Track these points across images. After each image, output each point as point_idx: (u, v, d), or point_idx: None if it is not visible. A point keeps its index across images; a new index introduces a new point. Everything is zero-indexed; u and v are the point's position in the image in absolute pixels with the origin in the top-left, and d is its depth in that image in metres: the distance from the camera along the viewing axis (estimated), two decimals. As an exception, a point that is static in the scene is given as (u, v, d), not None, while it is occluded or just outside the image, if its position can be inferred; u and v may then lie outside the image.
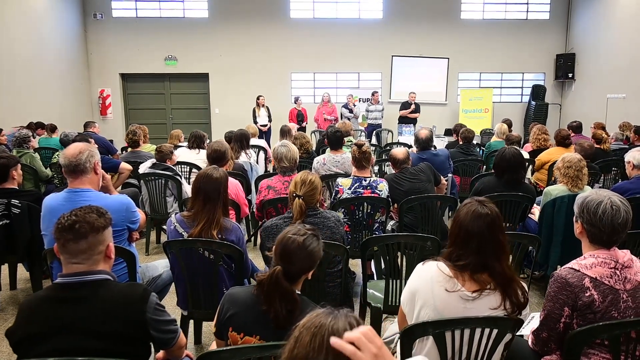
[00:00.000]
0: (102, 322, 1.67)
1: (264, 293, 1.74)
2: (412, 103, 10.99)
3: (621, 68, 10.99)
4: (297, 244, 1.77)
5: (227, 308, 1.80)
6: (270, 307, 1.71)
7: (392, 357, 1.02)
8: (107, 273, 1.79)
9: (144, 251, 4.82)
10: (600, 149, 6.10)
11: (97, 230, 1.74)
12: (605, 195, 1.90)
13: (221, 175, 2.72)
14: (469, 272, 1.81)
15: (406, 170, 4.09)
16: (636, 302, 1.84)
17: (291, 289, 1.76)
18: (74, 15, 11.54)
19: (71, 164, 2.61)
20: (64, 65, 10.88)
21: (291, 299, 1.73)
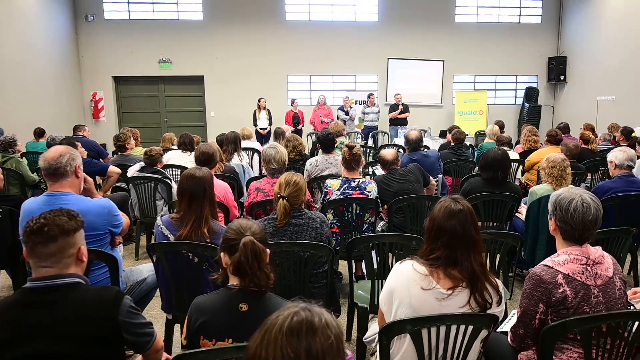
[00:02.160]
0: (74, 326, 1.64)
1: (242, 267, 1.74)
2: (400, 104, 11.04)
3: (610, 71, 11.10)
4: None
5: (195, 318, 1.77)
6: (253, 278, 1.73)
7: None
8: (79, 276, 1.76)
9: (133, 256, 4.84)
10: (588, 149, 6.18)
11: (67, 233, 1.71)
12: (577, 193, 1.94)
13: (205, 174, 2.73)
14: (442, 268, 1.85)
15: (395, 171, 4.13)
16: (607, 297, 1.89)
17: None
18: (65, 17, 11.45)
19: (51, 167, 2.59)
20: (54, 68, 10.78)
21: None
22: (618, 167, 4.05)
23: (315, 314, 1.05)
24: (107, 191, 4.87)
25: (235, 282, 1.80)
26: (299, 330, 1.01)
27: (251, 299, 1.76)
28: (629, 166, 4.02)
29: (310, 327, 1.02)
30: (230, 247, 1.78)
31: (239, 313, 1.74)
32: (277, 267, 2.72)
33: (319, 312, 1.06)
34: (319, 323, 1.03)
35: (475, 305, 1.83)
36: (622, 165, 4.02)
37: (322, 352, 1.00)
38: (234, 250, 1.77)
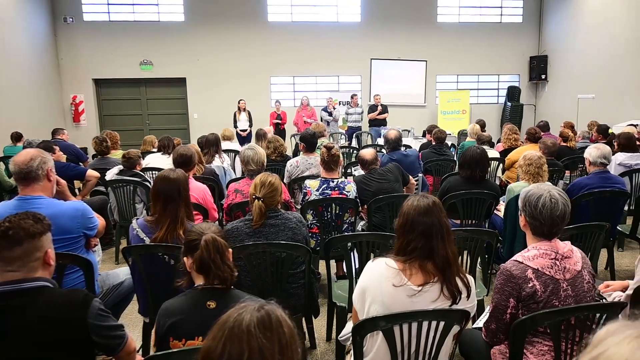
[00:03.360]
0: (42, 330, 1.63)
1: (205, 263, 1.76)
2: (379, 105, 11.04)
3: (590, 69, 11.29)
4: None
5: (163, 321, 1.77)
6: (217, 272, 1.75)
7: None
8: (46, 280, 1.74)
9: (113, 260, 4.79)
10: (567, 146, 6.27)
11: (32, 236, 1.69)
12: (545, 189, 1.97)
13: (179, 175, 2.72)
14: (418, 261, 1.86)
15: (374, 171, 4.14)
16: (575, 291, 1.91)
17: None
18: (43, 19, 11.25)
19: (22, 172, 2.55)
20: (33, 72, 10.59)
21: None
22: (593, 164, 4.11)
23: (276, 309, 1.10)
24: (85, 195, 4.81)
25: (200, 282, 1.80)
26: (269, 322, 1.06)
27: (218, 296, 1.77)
28: (602, 163, 4.07)
29: (276, 319, 1.07)
30: (193, 247, 1.79)
31: (207, 311, 1.74)
32: (254, 268, 2.72)
33: (276, 308, 1.11)
34: (281, 317, 1.09)
35: (447, 295, 1.85)
36: (597, 162, 4.08)
37: (288, 343, 1.06)
38: (196, 250, 1.77)
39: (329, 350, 3.23)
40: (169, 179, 2.66)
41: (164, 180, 2.66)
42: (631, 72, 10.03)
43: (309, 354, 3.21)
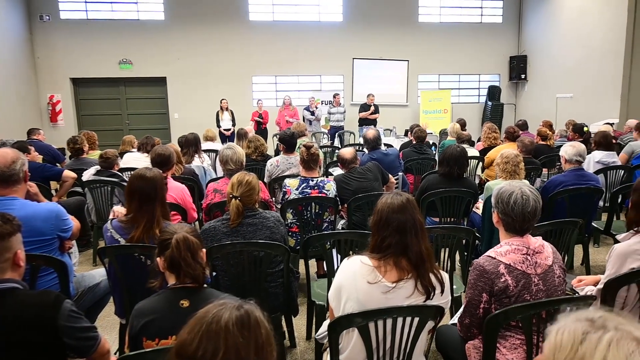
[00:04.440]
0: (11, 332, 1.61)
1: (175, 261, 1.76)
2: (372, 105, 11.07)
3: (568, 69, 11.50)
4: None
5: (136, 322, 1.77)
6: (188, 270, 1.75)
7: None
8: (16, 282, 1.73)
9: (91, 261, 4.72)
10: (545, 145, 6.37)
11: (1, 237, 1.68)
12: (517, 186, 2.00)
13: (155, 174, 2.69)
14: (392, 259, 1.88)
15: (354, 170, 4.16)
16: (547, 285, 1.95)
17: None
18: (18, 17, 10.99)
19: (4, 174, 2.52)
20: (8, 70, 10.31)
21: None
22: (569, 162, 4.18)
23: (255, 310, 1.10)
24: (62, 196, 4.73)
25: (173, 281, 1.79)
26: (248, 321, 1.06)
27: (192, 294, 1.77)
28: (578, 161, 4.15)
29: (255, 320, 1.08)
30: (165, 247, 1.79)
31: (180, 310, 1.73)
32: (232, 268, 2.71)
33: (255, 308, 1.11)
34: (259, 318, 1.09)
35: (421, 291, 1.87)
36: (572, 160, 4.15)
37: (264, 344, 1.07)
38: (168, 249, 1.77)
39: (308, 349, 3.23)
40: (145, 178, 2.63)
41: (140, 179, 2.63)
42: (607, 72, 10.23)
43: (289, 352, 3.21)
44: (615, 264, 2.25)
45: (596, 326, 0.71)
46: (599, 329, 0.71)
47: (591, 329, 0.70)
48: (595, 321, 0.72)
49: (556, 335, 0.72)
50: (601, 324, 0.72)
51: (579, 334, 0.70)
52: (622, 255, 2.23)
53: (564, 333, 0.71)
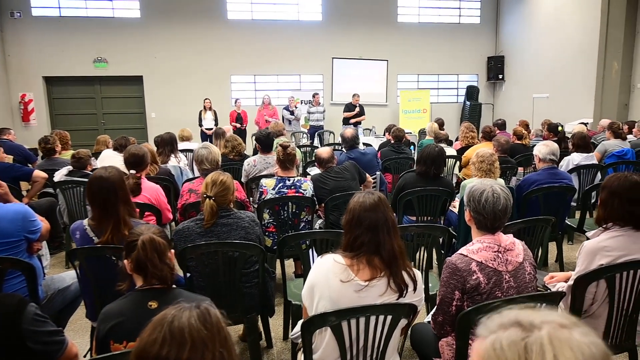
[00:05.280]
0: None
1: (141, 263, 1.74)
2: (357, 105, 10.96)
3: (544, 70, 11.71)
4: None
5: (103, 326, 1.74)
6: (155, 271, 1.73)
7: None
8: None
9: (63, 264, 4.62)
10: (521, 144, 6.46)
11: None
12: (488, 184, 2.01)
13: (113, 173, 2.61)
14: (365, 257, 1.88)
15: (331, 170, 4.15)
16: (517, 282, 1.97)
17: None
18: (-13, 14, 10.73)
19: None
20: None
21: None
22: (542, 161, 4.24)
23: (213, 308, 1.10)
24: (33, 197, 4.62)
25: (140, 283, 1.76)
26: (209, 316, 1.06)
27: (160, 295, 1.74)
28: (551, 159, 4.21)
29: (215, 315, 1.07)
30: (132, 248, 1.76)
31: (149, 311, 1.70)
32: (206, 268, 2.68)
33: (213, 307, 1.10)
34: (219, 314, 1.09)
35: (393, 288, 1.87)
36: (546, 158, 4.21)
37: (226, 337, 1.06)
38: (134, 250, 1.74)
39: (285, 349, 3.21)
40: (103, 179, 2.55)
41: (98, 180, 2.55)
42: (582, 73, 10.45)
43: (266, 353, 3.19)
44: (584, 261, 2.29)
45: (527, 328, 0.71)
46: (532, 329, 0.71)
47: (525, 333, 0.70)
48: (522, 323, 0.72)
49: (495, 352, 0.71)
50: (529, 323, 0.72)
51: (520, 343, 0.69)
52: (591, 252, 2.27)
53: (503, 347, 0.70)
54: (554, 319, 0.73)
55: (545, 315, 0.74)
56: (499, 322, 0.75)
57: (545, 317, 0.74)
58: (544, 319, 0.73)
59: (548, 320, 0.73)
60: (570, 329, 0.72)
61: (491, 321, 0.76)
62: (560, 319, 0.74)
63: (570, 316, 0.76)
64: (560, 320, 0.73)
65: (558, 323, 0.72)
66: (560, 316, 0.75)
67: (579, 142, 5.36)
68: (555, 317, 0.74)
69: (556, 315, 0.75)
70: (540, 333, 0.70)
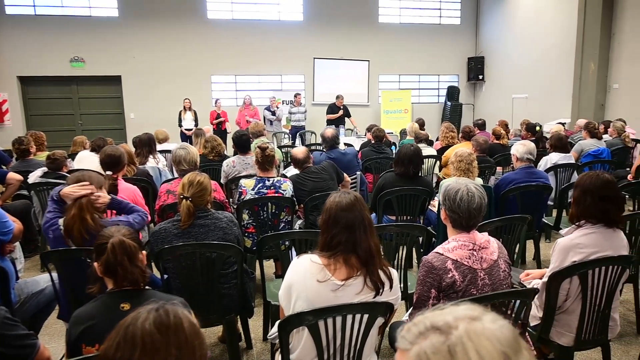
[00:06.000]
0: None
1: (111, 266, 1.72)
2: (341, 108, 10.83)
3: (523, 71, 11.89)
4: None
5: (74, 330, 1.72)
6: (126, 274, 1.71)
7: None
8: None
9: (38, 267, 4.52)
10: (500, 144, 6.55)
11: None
12: (463, 183, 2.03)
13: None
14: (342, 256, 1.88)
15: (309, 170, 4.14)
16: (492, 279, 1.99)
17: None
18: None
19: None
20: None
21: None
22: (520, 160, 4.31)
23: (177, 309, 1.07)
24: (7, 199, 4.51)
25: (111, 286, 1.74)
26: (167, 319, 1.04)
27: (132, 297, 1.73)
28: (529, 159, 4.27)
29: (175, 317, 1.05)
30: (101, 251, 1.74)
31: (121, 313, 1.67)
32: (184, 270, 2.65)
33: (178, 307, 1.08)
34: (182, 315, 1.07)
35: (370, 286, 1.87)
36: (523, 158, 4.28)
37: (187, 340, 1.04)
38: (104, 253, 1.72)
39: (265, 350, 3.20)
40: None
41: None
42: (560, 73, 10.63)
43: (245, 354, 3.18)
44: (558, 258, 2.32)
45: (445, 330, 0.72)
46: (449, 330, 0.71)
47: (445, 337, 0.71)
48: (439, 326, 0.72)
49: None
50: (445, 324, 0.72)
51: (443, 349, 0.70)
52: (565, 249, 2.31)
53: (429, 357, 0.71)
54: (464, 314, 0.74)
55: (455, 312, 0.75)
56: (416, 331, 0.74)
57: (455, 313, 0.75)
58: (455, 315, 0.74)
59: (460, 316, 0.74)
60: (480, 320, 0.73)
61: (408, 332, 0.76)
62: (469, 312, 0.75)
63: (474, 305, 0.77)
64: (470, 313, 0.74)
65: (469, 317, 0.73)
66: (467, 308, 0.76)
67: (556, 143, 5.45)
68: (464, 310, 0.75)
69: (463, 308, 0.76)
70: (458, 332, 0.70)
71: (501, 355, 0.69)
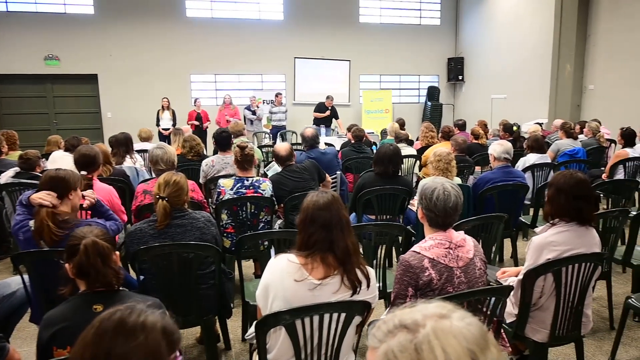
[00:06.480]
0: None
1: (84, 268, 1.69)
2: (329, 108, 10.86)
3: (502, 71, 12.06)
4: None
5: (45, 333, 1.68)
6: (98, 277, 1.68)
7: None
8: None
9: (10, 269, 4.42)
10: (478, 143, 6.62)
11: None
12: (439, 182, 2.05)
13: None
14: (319, 255, 1.88)
15: (290, 169, 4.13)
16: (468, 277, 2.01)
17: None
18: None
19: None
20: None
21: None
22: (497, 159, 4.36)
23: (141, 311, 1.03)
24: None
25: (84, 288, 1.70)
26: (127, 323, 1.00)
27: (106, 298, 1.70)
28: (506, 158, 4.33)
29: (136, 321, 1.01)
30: (73, 252, 1.70)
31: (94, 315, 1.64)
32: (160, 270, 2.62)
33: (143, 310, 1.04)
34: (147, 319, 1.02)
35: (347, 285, 1.88)
36: (500, 157, 4.34)
37: (148, 343, 0.99)
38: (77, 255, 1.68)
39: (244, 350, 3.18)
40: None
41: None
42: (537, 75, 10.82)
43: (224, 355, 3.16)
44: (533, 256, 2.36)
45: (412, 329, 0.72)
46: (417, 329, 0.72)
47: (412, 335, 0.71)
48: (407, 324, 0.73)
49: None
50: (413, 323, 0.73)
51: (410, 347, 0.70)
52: (539, 247, 2.34)
53: (396, 355, 0.71)
54: (433, 312, 0.75)
55: (424, 310, 0.76)
56: (385, 329, 0.75)
57: (425, 311, 0.75)
58: (425, 313, 0.75)
59: (429, 314, 0.74)
60: (449, 318, 0.74)
61: (378, 330, 0.76)
62: (439, 310, 0.76)
63: (445, 303, 0.78)
64: (438, 311, 0.75)
65: (438, 315, 0.74)
66: (437, 306, 0.76)
67: (532, 144, 5.53)
68: (434, 308, 0.76)
69: (433, 306, 0.77)
70: (425, 330, 0.71)
71: (467, 352, 0.69)
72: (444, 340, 0.69)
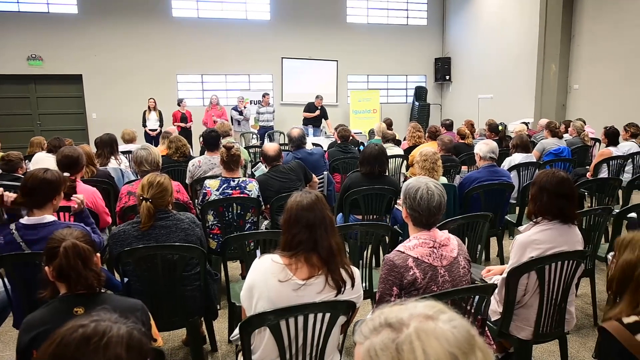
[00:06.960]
0: None
1: (64, 271, 1.66)
2: (319, 108, 10.88)
3: (488, 71, 12.16)
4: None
5: (25, 337, 1.65)
6: (79, 279, 1.66)
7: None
8: None
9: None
10: (464, 143, 6.66)
11: None
12: (423, 182, 2.05)
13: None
14: (303, 255, 1.87)
15: (277, 170, 4.12)
16: (452, 276, 2.02)
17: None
18: None
19: None
20: None
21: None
22: (483, 159, 4.39)
23: (110, 325, 0.98)
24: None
25: (64, 291, 1.68)
26: (94, 336, 0.97)
27: (87, 300, 1.68)
28: (491, 157, 4.36)
29: (104, 333, 0.97)
30: (54, 255, 1.67)
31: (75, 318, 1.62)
32: (145, 272, 2.59)
33: (113, 323, 0.98)
34: (116, 332, 0.97)
35: (332, 285, 1.88)
36: (486, 156, 4.36)
37: (117, 356, 0.94)
38: (56, 257, 1.66)
39: (230, 352, 3.16)
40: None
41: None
42: (523, 74, 10.93)
43: (210, 356, 3.14)
44: (517, 254, 2.37)
45: (396, 328, 0.72)
46: (401, 328, 0.72)
47: (395, 334, 0.71)
48: (391, 323, 0.73)
49: (371, 359, 0.72)
50: (397, 322, 0.73)
51: (391, 346, 0.70)
52: (523, 245, 2.36)
53: (377, 353, 0.71)
54: (420, 312, 0.75)
55: (412, 309, 0.76)
56: (371, 326, 0.75)
57: (412, 310, 0.75)
58: (412, 313, 0.75)
59: (415, 314, 0.74)
60: (435, 319, 0.73)
61: (364, 326, 0.76)
62: (426, 310, 0.75)
63: (435, 303, 0.78)
64: (426, 312, 0.75)
65: (424, 315, 0.74)
66: (426, 306, 0.76)
67: (518, 143, 5.58)
68: (422, 308, 0.76)
69: (423, 305, 0.76)
70: (408, 330, 0.71)
71: (449, 355, 0.69)
72: (426, 342, 0.69)
